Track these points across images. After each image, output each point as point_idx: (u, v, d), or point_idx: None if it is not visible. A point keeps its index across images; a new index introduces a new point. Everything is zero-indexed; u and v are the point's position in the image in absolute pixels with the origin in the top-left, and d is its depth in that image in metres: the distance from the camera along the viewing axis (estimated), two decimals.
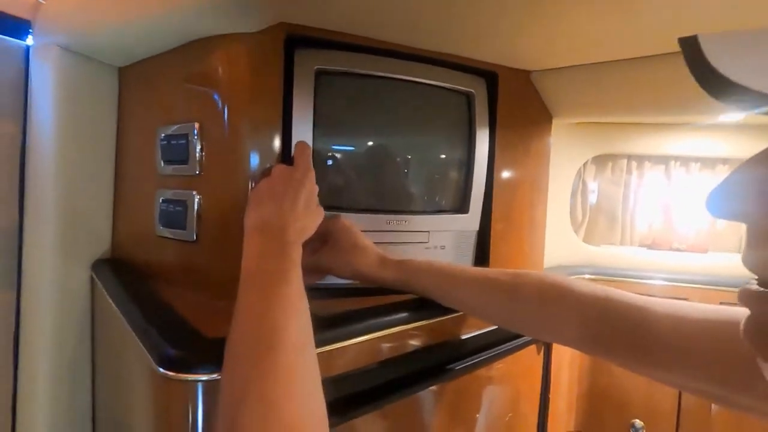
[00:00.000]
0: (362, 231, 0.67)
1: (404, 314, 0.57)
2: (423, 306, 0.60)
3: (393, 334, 0.55)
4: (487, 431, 0.71)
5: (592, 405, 1.06)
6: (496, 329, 0.70)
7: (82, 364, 0.76)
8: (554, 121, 0.89)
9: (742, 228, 1.04)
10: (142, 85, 0.72)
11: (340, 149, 0.69)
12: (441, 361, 0.62)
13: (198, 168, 0.60)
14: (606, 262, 1.08)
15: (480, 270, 0.59)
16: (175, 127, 0.63)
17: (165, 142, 0.64)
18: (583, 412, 1.09)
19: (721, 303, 0.95)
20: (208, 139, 0.60)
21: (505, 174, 0.82)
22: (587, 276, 1.04)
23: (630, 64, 0.74)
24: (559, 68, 0.80)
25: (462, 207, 0.78)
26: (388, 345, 0.55)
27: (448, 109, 0.78)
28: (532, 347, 0.82)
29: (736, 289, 0.24)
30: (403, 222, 0.71)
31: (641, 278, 1.02)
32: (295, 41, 0.61)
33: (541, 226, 0.95)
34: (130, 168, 0.75)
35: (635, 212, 1.10)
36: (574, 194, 1.10)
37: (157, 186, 0.67)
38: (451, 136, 0.78)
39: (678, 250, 1.05)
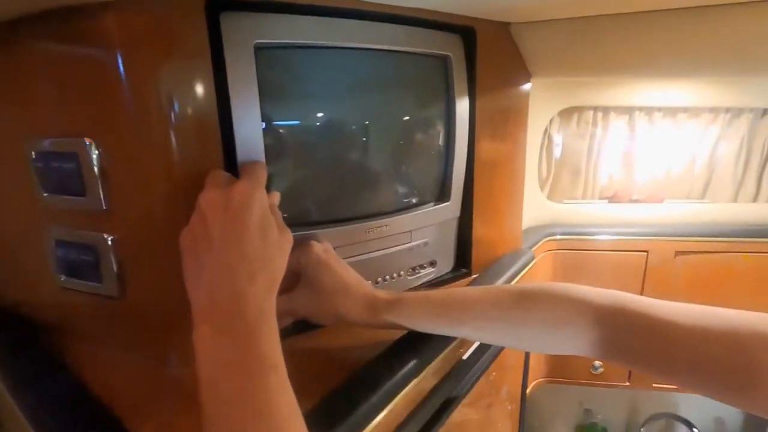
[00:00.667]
0: (339, 246, 0.55)
1: (403, 371, 0.47)
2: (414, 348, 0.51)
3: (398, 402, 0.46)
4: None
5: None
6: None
7: None
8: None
9: (692, 175, 1.08)
10: None
11: (300, 151, 0.53)
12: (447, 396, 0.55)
13: (103, 202, 0.42)
14: (570, 219, 1.06)
15: (481, 294, 0.50)
16: (53, 141, 0.43)
17: (41, 165, 0.44)
18: (548, 358, 1.14)
19: (676, 252, 0.99)
20: (112, 157, 0.41)
21: (487, 148, 0.72)
22: (558, 237, 1.01)
23: (618, 19, 0.64)
24: (542, 21, 0.68)
25: (443, 195, 0.68)
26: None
27: (423, 80, 0.63)
28: None
29: (691, 238, 0.18)
30: (384, 227, 0.59)
31: (604, 234, 1.02)
32: (219, 4, 0.42)
33: (519, 197, 0.88)
34: None
35: (598, 164, 1.07)
36: (539, 150, 1.04)
37: (44, 221, 0.47)
38: (427, 113, 0.65)
39: (637, 201, 1.06)
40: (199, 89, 0.41)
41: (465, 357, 0.59)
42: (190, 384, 0.33)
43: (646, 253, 1.00)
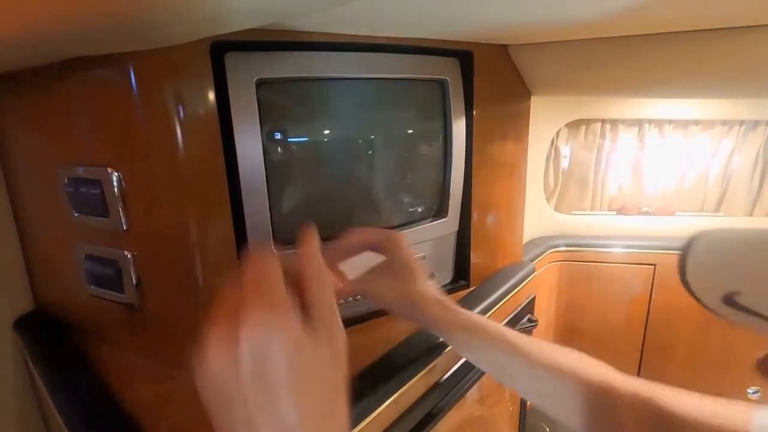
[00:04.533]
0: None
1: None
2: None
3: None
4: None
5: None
6: None
7: None
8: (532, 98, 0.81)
9: (705, 188, 1.06)
10: (22, 105, 0.55)
11: (301, 173, 0.58)
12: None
13: (123, 223, 0.48)
14: (577, 230, 1.07)
15: (546, 360, 0.46)
16: (82, 169, 0.49)
17: (72, 189, 0.50)
18: None
19: None
20: (131, 184, 0.47)
21: (485, 165, 0.74)
22: (563, 248, 1.02)
23: (617, 41, 0.65)
24: (540, 43, 0.70)
25: (440, 211, 0.71)
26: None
27: (420, 103, 0.67)
28: None
29: None
30: None
31: (612, 247, 1.02)
32: (224, 46, 0.47)
33: (520, 211, 0.90)
34: (32, 212, 0.60)
35: (606, 176, 1.07)
36: (546, 161, 1.05)
37: (75, 237, 0.54)
38: (424, 134, 0.68)
39: (647, 213, 1.05)
40: (205, 123, 0.46)
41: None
42: None
43: (653, 267, 1.00)
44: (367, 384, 0.51)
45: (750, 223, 1.04)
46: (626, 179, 1.07)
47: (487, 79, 0.70)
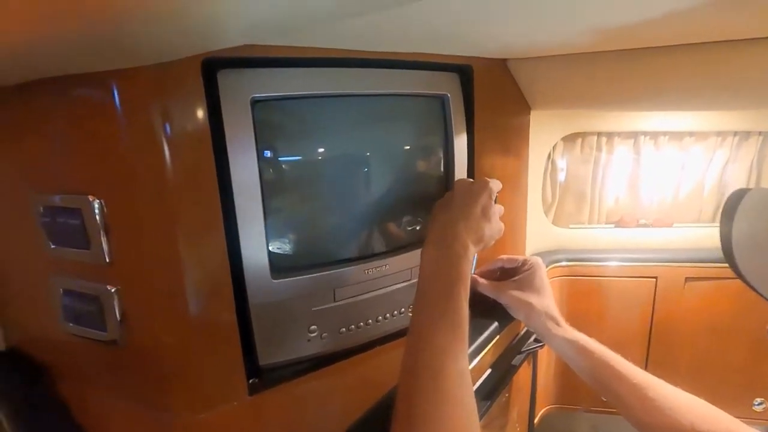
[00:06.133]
0: (338, 288, 0.56)
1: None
2: None
3: None
4: None
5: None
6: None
7: None
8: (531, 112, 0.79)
9: (701, 199, 1.06)
10: None
11: (299, 195, 0.54)
12: None
13: (106, 255, 0.44)
14: (577, 245, 1.05)
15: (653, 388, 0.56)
16: (60, 197, 0.44)
17: (48, 219, 0.45)
18: (559, 385, 1.12)
19: (686, 278, 0.97)
20: (114, 213, 0.43)
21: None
22: (563, 263, 1.00)
23: (616, 54, 0.64)
24: (539, 57, 0.68)
25: None
26: None
27: (420, 119, 0.64)
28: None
29: (701, 264, 0.19)
30: (384, 267, 0.60)
31: (612, 260, 1.00)
32: (216, 63, 0.44)
33: (521, 226, 0.88)
34: (1, 244, 0.55)
35: (603, 189, 1.06)
36: (543, 175, 1.04)
37: (51, 271, 0.49)
38: (425, 151, 0.66)
39: (645, 225, 1.04)
40: (198, 146, 0.43)
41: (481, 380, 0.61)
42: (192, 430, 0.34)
43: (655, 279, 0.98)
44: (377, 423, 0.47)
45: None
46: (623, 192, 1.06)
47: (487, 93, 0.68)
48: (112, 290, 0.45)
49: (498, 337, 0.70)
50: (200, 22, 0.27)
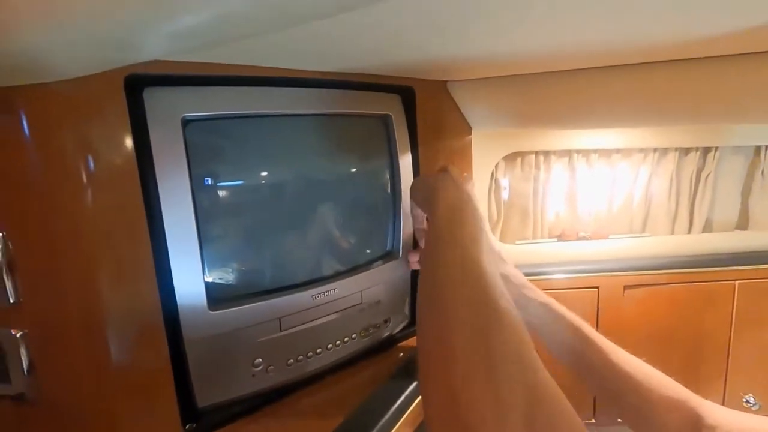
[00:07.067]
0: (284, 316, 0.53)
1: None
2: None
3: None
4: None
5: None
6: None
7: None
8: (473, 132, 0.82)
9: (631, 211, 1.15)
10: None
11: (237, 221, 0.51)
12: None
13: (11, 295, 0.38)
14: (523, 260, 1.08)
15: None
16: None
17: None
18: None
19: (625, 286, 1.03)
20: (21, 248, 0.38)
21: None
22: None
23: (550, 76, 0.68)
24: (477, 79, 0.71)
25: (392, 252, 0.67)
26: None
27: (363, 140, 0.64)
28: None
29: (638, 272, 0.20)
30: (333, 290, 0.58)
31: (556, 273, 1.04)
32: (141, 80, 0.41)
33: None
34: None
35: (545, 205, 1.11)
36: (488, 193, 1.07)
37: None
38: (369, 171, 0.65)
39: (584, 238, 1.10)
40: (122, 173, 0.39)
41: None
42: None
43: (597, 289, 1.03)
44: None
45: (671, 241, 1.12)
46: (562, 207, 1.12)
47: (429, 114, 0.70)
48: (18, 335, 0.39)
49: None
50: (113, 29, 0.25)
